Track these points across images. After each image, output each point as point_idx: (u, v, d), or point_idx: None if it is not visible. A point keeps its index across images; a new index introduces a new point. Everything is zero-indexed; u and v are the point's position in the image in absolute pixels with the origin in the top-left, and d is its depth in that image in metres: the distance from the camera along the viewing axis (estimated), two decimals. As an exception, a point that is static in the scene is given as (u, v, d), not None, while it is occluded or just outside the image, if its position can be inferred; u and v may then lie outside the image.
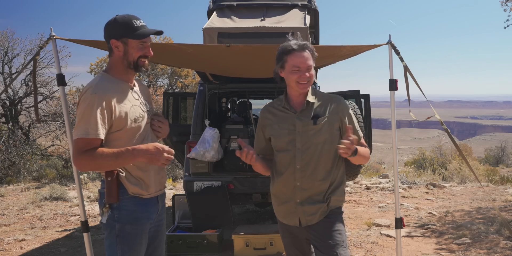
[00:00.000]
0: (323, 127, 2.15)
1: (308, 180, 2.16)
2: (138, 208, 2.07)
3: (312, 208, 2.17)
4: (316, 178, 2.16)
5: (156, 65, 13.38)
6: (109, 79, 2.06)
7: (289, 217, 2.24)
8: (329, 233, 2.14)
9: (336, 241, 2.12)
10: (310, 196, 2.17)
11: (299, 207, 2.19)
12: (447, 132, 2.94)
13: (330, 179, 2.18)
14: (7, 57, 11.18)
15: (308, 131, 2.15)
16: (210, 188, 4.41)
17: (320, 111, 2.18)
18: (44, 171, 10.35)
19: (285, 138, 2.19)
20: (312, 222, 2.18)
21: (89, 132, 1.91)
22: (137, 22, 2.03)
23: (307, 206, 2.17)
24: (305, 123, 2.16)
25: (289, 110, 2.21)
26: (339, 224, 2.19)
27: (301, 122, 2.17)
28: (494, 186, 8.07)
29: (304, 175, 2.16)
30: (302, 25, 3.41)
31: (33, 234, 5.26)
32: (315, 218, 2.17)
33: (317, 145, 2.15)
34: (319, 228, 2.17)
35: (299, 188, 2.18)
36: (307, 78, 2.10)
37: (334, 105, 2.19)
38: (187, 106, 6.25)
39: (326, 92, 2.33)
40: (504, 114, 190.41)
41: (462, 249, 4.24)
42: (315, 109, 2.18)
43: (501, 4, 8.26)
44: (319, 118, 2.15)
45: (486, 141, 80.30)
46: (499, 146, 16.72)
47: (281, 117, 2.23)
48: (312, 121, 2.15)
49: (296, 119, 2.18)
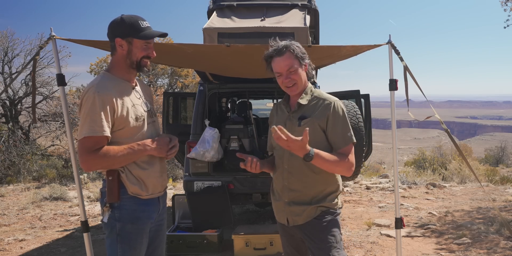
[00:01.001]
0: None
1: (295, 181, 2.16)
2: (138, 207, 2.07)
3: (298, 209, 2.17)
4: (303, 179, 2.15)
5: (156, 65, 13.38)
6: (111, 78, 2.07)
7: (279, 215, 2.29)
8: (321, 235, 2.13)
9: (329, 243, 2.11)
10: (296, 196, 2.18)
11: (287, 207, 2.20)
12: (447, 132, 2.94)
13: (318, 181, 2.15)
14: (7, 57, 11.20)
15: (293, 133, 2.08)
16: (210, 188, 4.41)
17: (308, 113, 2.15)
18: (44, 171, 10.35)
19: None
20: (298, 222, 2.18)
21: (96, 129, 1.92)
22: (143, 23, 2.06)
23: (293, 207, 2.18)
24: (292, 124, 2.17)
25: (286, 109, 2.23)
26: (331, 225, 2.15)
27: (290, 123, 2.18)
28: (494, 186, 8.07)
29: (291, 176, 2.17)
30: (302, 25, 3.41)
31: (33, 234, 5.26)
32: (300, 219, 2.17)
33: None
34: (311, 229, 2.15)
35: (286, 188, 2.20)
36: (290, 81, 2.10)
37: (323, 107, 2.13)
38: (187, 106, 6.25)
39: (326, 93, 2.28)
40: (504, 114, 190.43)
41: (462, 249, 4.24)
42: (304, 110, 2.16)
43: (501, 4, 8.27)
44: (304, 120, 2.13)
45: (486, 141, 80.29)
46: (499, 146, 16.73)
47: (279, 116, 2.27)
48: (297, 122, 2.15)
49: (287, 120, 2.20)
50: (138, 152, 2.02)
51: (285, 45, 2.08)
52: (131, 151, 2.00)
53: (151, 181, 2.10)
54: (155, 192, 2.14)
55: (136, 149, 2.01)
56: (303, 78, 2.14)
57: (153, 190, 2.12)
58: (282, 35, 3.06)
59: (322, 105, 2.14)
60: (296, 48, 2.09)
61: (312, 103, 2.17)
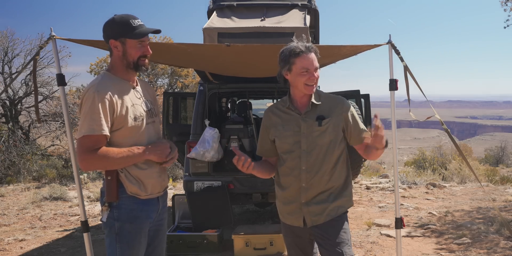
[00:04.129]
0: (327, 128, 2.15)
1: (314, 181, 2.17)
2: (137, 207, 2.07)
3: (318, 208, 2.18)
4: (322, 178, 2.17)
5: (156, 65, 13.38)
6: (111, 78, 2.07)
7: (293, 218, 2.24)
8: (335, 231, 2.16)
9: (341, 239, 2.15)
10: (315, 196, 2.18)
11: (304, 208, 2.19)
12: (447, 132, 2.94)
13: (336, 179, 2.19)
14: (7, 57, 11.19)
15: (313, 133, 2.15)
16: (210, 188, 4.41)
17: (325, 112, 2.17)
18: (44, 171, 10.35)
19: (290, 139, 2.19)
20: (318, 222, 2.18)
21: (95, 128, 1.92)
22: (134, 21, 2.03)
23: (313, 206, 2.18)
24: (310, 124, 2.16)
25: (294, 111, 2.21)
26: (345, 223, 2.21)
27: (306, 124, 2.17)
28: (494, 186, 8.07)
29: (310, 176, 2.17)
30: (302, 25, 3.41)
31: (33, 234, 5.26)
32: (321, 218, 2.18)
33: (322, 146, 2.15)
34: (324, 227, 2.18)
35: (304, 189, 2.18)
36: (315, 79, 2.12)
37: (339, 106, 2.20)
38: (187, 106, 6.25)
39: (328, 92, 2.32)
40: (504, 114, 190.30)
41: (462, 249, 4.24)
42: (319, 110, 2.18)
43: (501, 4, 8.28)
44: (324, 120, 2.15)
45: (486, 141, 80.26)
46: (499, 146, 16.71)
47: (286, 119, 2.22)
48: (317, 122, 2.15)
49: (301, 121, 2.18)
50: (138, 155, 2.02)
51: (310, 45, 2.12)
52: (130, 154, 2.00)
53: (149, 182, 2.10)
54: (154, 192, 2.14)
55: (136, 152, 2.01)
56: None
57: (152, 190, 2.12)
58: (282, 35, 3.05)
59: (335, 104, 2.20)
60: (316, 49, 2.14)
61: (324, 103, 2.20)
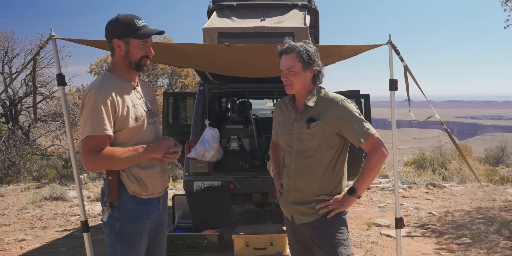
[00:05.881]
0: (317, 131, 2.12)
1: (301, 181, 2.18)
2: (137, 207, 2.07)
3: (303, 208, 2.20)
4: (310, 180, 2.17)
5: (156, 65, 13.38)
6: (112, 78, 2.08)
7: (285, 209, 2.34)
8: (330, 232, 2.16)
9: (336, 240, 2.14)
10: (302, 196, 2.21)
11: (291, 206, 2.25)
12: (447, 132, 2.94)
13: (325, 182, 2.17)
14: (7, 57, 11.19)
15: (303, 134, 2.15)
16: (210, 188, 4.42)
17: (316, 115, 2.14)
18: (44, 171, 10.34)
19: (285, 137, 2.24)
20: (303, 221, 2.22)
21: (98, 128, 1.92)
22: (139, 22, 2.04)
23: (298, 206, 2.22)
24: (301, 126, 2.17)
25: (292, 109, 2.23)
26: (340, 223, 2.19)
27: (298, 124, 2.18)
28: (494, 186, 8.07)
29: (298, 177, 2.19)
30: (302, 25, 3.41)
31: (33, 234, 5.26)
32: (306, 218, 2.20)
33: (311, 148, 2.15)
34: (319, 226, 2.19)
35: (292, 188, 2.22)
36: (287, 81, 2.11)
37: (330, 110, 2.13)
38: (187, 106, 6.25)
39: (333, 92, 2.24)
40: (504, 114, 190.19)
41: (462, 249, 4.24)
42: (312, 112, 2.16)
43: (501, 4, 8.27)
44: (313, 123, 2.13)
45: (486, 141, 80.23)
46: (499, 146, 16.70)
47: (286, 115, 2.27)
48: (306, 125, 2.14)
49: (294, 121, 2.20)
50: (143, 154, 2.03)
51: (293, 46, 2.08)
52: (135, 153, 2.01)
53: (151, 182, 2.10)
54: (155, 192, 2.14)
55: (141, 151, 2.02)
56: (304, 81, 2.13)
57: (153, 190, 2.12)
58: (282, 35, 3.05)
59: (328, 107, 2.14)
60: (304, 52, 2.07)
61: (319, 105, 2.16)
